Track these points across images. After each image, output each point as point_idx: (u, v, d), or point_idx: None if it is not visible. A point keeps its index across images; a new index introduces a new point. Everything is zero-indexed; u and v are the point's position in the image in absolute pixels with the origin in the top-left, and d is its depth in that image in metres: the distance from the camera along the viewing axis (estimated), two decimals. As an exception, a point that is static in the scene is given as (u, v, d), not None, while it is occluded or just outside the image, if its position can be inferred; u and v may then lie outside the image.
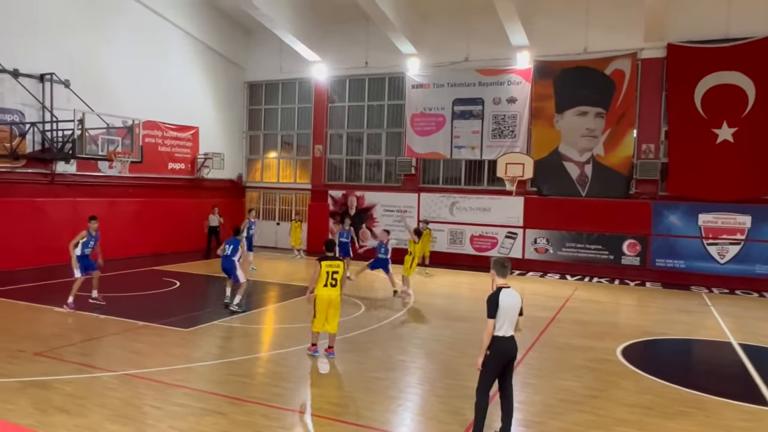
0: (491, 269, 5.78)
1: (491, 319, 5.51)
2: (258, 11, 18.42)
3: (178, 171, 20.60)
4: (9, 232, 15.09)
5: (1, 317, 10.20)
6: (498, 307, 5.50)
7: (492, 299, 5.56)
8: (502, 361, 5.63)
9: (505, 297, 5.56)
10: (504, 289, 5.61)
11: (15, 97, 15.16)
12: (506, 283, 5.68)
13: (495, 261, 5.82)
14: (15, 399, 6.38)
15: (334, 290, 8.29)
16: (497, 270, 5.75)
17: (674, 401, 7.09)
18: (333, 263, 8.36)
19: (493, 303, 5.54)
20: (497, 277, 5.74)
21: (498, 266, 5.76)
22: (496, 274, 5.75)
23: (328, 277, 8.27)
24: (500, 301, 5.51)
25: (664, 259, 17.11)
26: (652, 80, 17.39)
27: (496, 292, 5.60)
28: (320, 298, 8.29)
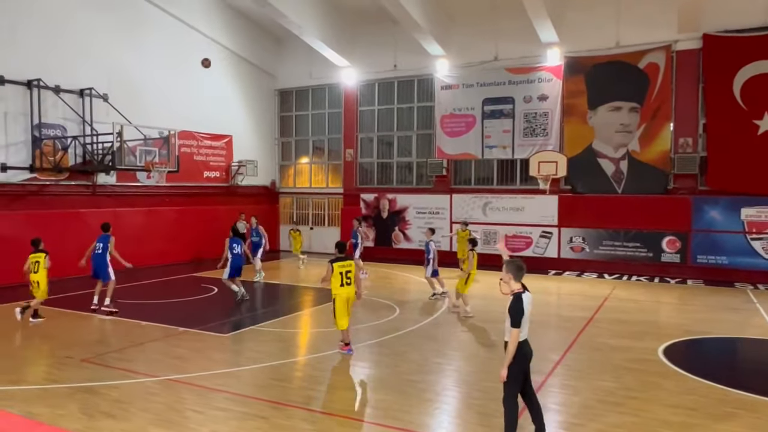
0: (506, 272, 5.47)
1: (517, 328, 5.27)
2: (287, 19, 18.68)
3: (213, 179, 21.02)
4: (54, 242, 15.55)
5: (49, 325, 10.59)
6: (524, 313, 5.30)
7: (517, 307, 5.31)
8: (526, 364, 5.51)
9: (527, 302, 5.39)
10: (524, 293, 5.42)
11: (57, 112, 15.73)
12: (521, 288, 5.47)
13: (511, 264, 5.49)
14: (65, 404, 6.62)
15: (351, 288, 8.77)
16: (515, 273, 5.45)
17: (720, 402, 6.89)
18: (345, 263, 8.79)
19: (519, 311, 5.29)
20: (514, 281, 5.46)
21: (515, 269, 5.46)
22: (512, 278, 5.46)
23: (343, 277, 8.70)
24: (525, 307, 5.33)
25: (705, 256, 16.64)
26: (688, 72, 16.95)
27: (518, 298, 5.36)
28: (340, 297, 8.72)
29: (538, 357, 8.98)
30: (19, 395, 6.92)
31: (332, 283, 8.73)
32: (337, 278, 8.70)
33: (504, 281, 5.51)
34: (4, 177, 14.61)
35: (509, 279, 5.46)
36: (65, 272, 15.70)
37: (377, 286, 15.23)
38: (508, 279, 5.47)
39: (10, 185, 14.80)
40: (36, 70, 15.10)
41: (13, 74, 14.69)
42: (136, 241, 16.02)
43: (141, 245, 15.36)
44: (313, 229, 23.59)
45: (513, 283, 5.45)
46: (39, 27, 15.30)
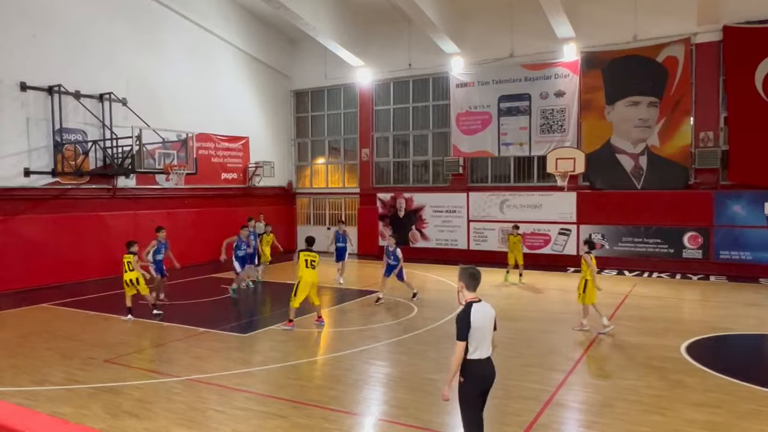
0: (459, 280, 4.91)
1: (461, 341, 4.64)
2: (301, 21, 18.75)
3: (231, 181, 21.19)
4: (76, 245, 15.91)
5: (72, 326, 10.76)
6: (470, 326, 4.63)
7: (462, 318, 4.67)
8: (483, 387, 4.81)
9: (477, 314, 4.70)
10: (474, 304, 4.74)
11: (77, 117, 15.97)
12: (476, 297, 4.82)
13: (463, 270, 4.88)
14: (88, 404, 6.72)
15: (314, 272, 10.39)
16: (466, 282, 4.84)
17: (746, 400, 6.77)
18: (310, 254, 10.50)
19: (463, 322, 4.65)
20: (466, 290, 4.84)
21: (467, 277, 4.84)
22: (464, 287, 4.84)
23: (307, 263, 10.36)
24: (472, 320, 4.65)
25: (728, 251, 16.36)
26: (708, 65, 16.68)
27: (466, 308, 4.71)
28: (304, 280, 10.29)
29: (557, 354, 9.00)
30: (44, 395, 7.04)
31: (299, 267, 10.36)
32: (302, 264, 10.37)
33: (458, 288, 4.97)
34: (28, 181, 14.88)
35: (461, 288, 4.90)
36: (86, 274, 15.98)
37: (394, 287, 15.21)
38: (460, 287, 4.91)
39: (33, 189, 15.06)
40: (57, 76, 15.36)
41: (35, 81, 14.95)
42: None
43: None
44: (330, 230, 23.64)
45: (465, 292, 4.86)
46: (59, 34, 15.55)
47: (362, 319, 11.55)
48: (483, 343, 4.70)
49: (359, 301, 13.34)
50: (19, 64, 14.65)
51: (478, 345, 4.67)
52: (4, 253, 14.29)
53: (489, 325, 4.76)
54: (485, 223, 19.73)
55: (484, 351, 4.72)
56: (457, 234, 20.28)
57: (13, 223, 14.56)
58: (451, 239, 20.48)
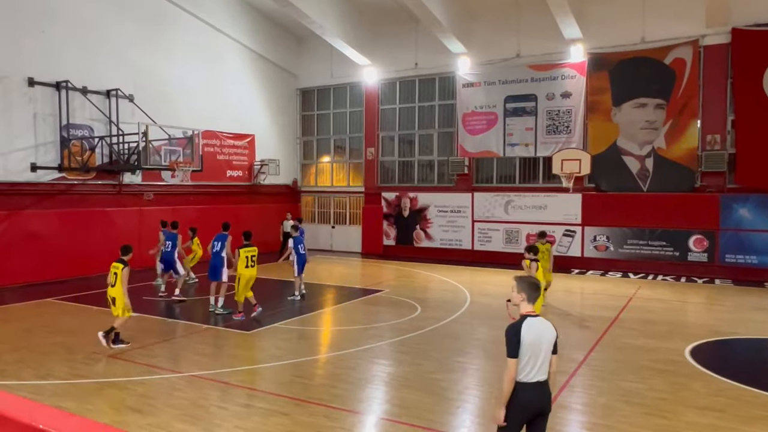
0: (517, 291, 4.36)
1: (513, 358, 4.13)
2: (308, 19, 18.76)
3: (236, 178, 21.22)
4: (82, 240, 15.98)
5: (78, 321, 10.81)
6: (520, 341, 4.13)
7: (512, 332, 4.17)
8: (527, 415, 4.22)
9: (530, 329, 4.16)
10: (529, 318, 4.23)
11: (84, 113, 16.03)
12: (533, 311, 4.32)
13: (523, 281, 4.37)
14: (92, 399, 6.75)
15: (254, 269, 11.03)
16: (528, 293, 4.30)
17: (750, 405, 6.74)
18: (250, 249, 11.04)
19: (513, 336, 4.15)
20: (526, 302, 4.32)
21: (528, 288, 4.31)
22: (525, 298, 4.31)
23: (248, 260, 10.89)
24: (523, 335, 4.13)
25: (734, 255, 16.28)
26: (716, 68, 16.59)
27: (519, 322, 4.21)
28: (243, 276, 10.87)
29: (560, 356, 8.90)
30: (48, 389, 7.08)
31: (239, 265, 10.84)
32: (243, 261, 10.84)
33: (514, 301, 4.40)
34: (34, 176, 14.95)
35: (521, 299, 4.34)
36: (92, 270, 16.04)
37: (399, 285, 15.23)
38: (519, 300, 4.36)
39: (40, 184, 15.13)
40: (64, 72, 15.42)
41: (43, 76, 15.02)
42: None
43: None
44: (335, 228, 23.68)
45: (524, 304, 4.33)
46: (67, 30, 15.61)
47: (365, 317, 11.56)
48: (535, 363, 4.14)
49: (363, 299, 13.34)
50: (27, 59, 14.71)
51: (527, 365, 4.14)
52: (10, 248, 14.36)
53: (545, 344, 4.20)
54: (490, 224, 19.70)
55: (535, 373, 4.14)
56: (461, 234, 20.26)
57: (19, 217, 14.63)
58: (456, 239, 20.46)
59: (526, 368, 4.14)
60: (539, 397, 4.20)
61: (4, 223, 14.33)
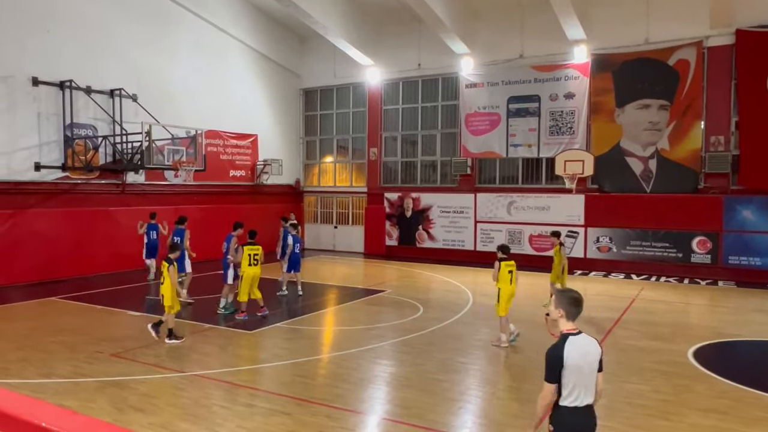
0: (555, 305, 3.91)
1: (551, 383, 3.72)
2: (312, 19, 18.77)
3: (239, 178, 21.25)
4: (85, 239, 16.02)
5: (80, 320, 10.83)
6: (563, 365, 3.68)
7: (553, 354, 3.73)
8: None
9: (573, 349, 3.71)
10: (572, 336, 3.78)
11: (88, 112, 16.07)
12: (575, 328, 3.84)
13: (562, 295, 3.92)
14: (95, 398, 6.76)
15: (257, 268, 10.94)
16: (566, 309, 3.83)
17: (753, 407, 6.72)
18: (253, 247, 10.98)
19: (554, 359, 3.70)
20: (564, 319, 3.86)
21: (567, 303, 3.85)
22: (564, 315, 3.85)
23: (251, 258, 10.85)
24: (566, 357, 3.68)
25: (737, 257, 16.24)
26: (720, 69, 16.55)
27: (560, 342, 3.75)
28: (246, 275, 10.85)
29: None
30: (51, 388, 7.10)
31: (242, 263, 10.86)
32: (246, 259, 10.86)
33: (552, 316, 3.96)
34: (38, 176, 14.99)
35: (559, 315, 3.89)
36: (95, 269, 16.09)
37: (401, 285, 15.22)
38: (557, 315, 3.91)
39: (44, 184, 15.17)
40: (68, 71, 15.46)
41: (47, 76, 15.06)
42: (163, 238, 16.26)
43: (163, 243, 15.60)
44: (338, 228, 23.70)
45: (563, 321, 3.88)
46: (71, 30, 15.65)
47: (368, 318, 11.56)
48: (581, 386, 3.71)
49: (365, 300, 13.35)
50: (31, 59, 14.76)
51: (573, 388, 3.69)
52: (13, 247, 14.40)
53: (590, 364, 3.75)
54: (492, 225, 19.69)
55: (581, 397, 3.71)
56: (464, 235, 20.25)
57: (23, 216, 14.67)
58: (458, 240, 20.45)
59: (573, 393, 3.70)
60: (586, 423, 3.79)
61: (8, 222, 14.37)
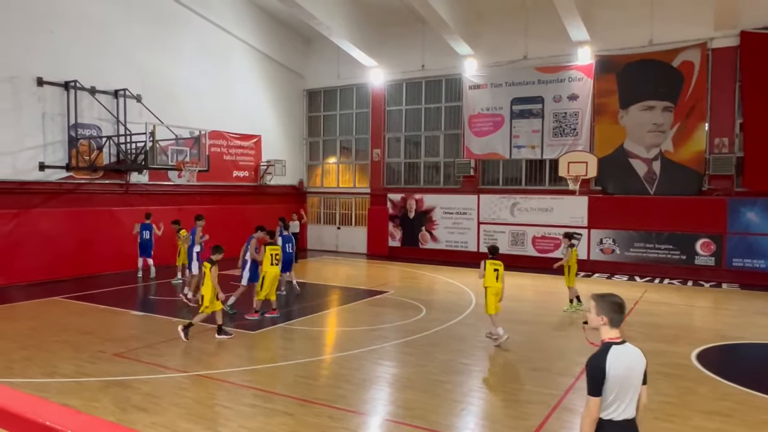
0: (596, 312, 3.60)
1: (595, 397, 3.43)
2: (316, 20, 18.80)
3: (242, 178, 21.28)
4: (89, 239, 16.07)
5: (83, 320, 10.86)
6: (606, 376, 3.41)
7: (595, 365, 3.45)
8: None
9: (617, 359, 3.45)
10: (615, 345, 3.51)
11: (92, 112, 16.12)
12: (618, 336, 3.56)
13: (602, 300, 3.60)
14: (98, 397, 6.78)
15: (278, 268, 11.09)
16: (609, 315, 3.54)
17: (757, 409, 6.70)
18: (274, 247, 11.15)
19: (597, 370, 3.42)
20: (608, 326, 3.56)
21: (610, 309, 3.55)
22: (607, 322, 3.56)
23: (272, 258, 10.99)
24: (609, 368, 3.41)
25: (741, 259, 16.19)
26: (725, 71, 16.51)
27: (602, 352, 3.48)
28: (269, 274, 10.93)
29: (566, 359, 8.95)
30: (55, 387, 7.11)
31: (264, 263, 10.94)
32: (268, 259, 10.94)
33: (592, 324, 3.66)
34: (43, 175, 15.04)
35: (601, 322, 3.58)
36: (98, 269, 16.13)
37: (404, 287, 15.22)
38: (599, 323, 3.60)
39: (48, 183, 15.22)
40: (73, 72, 15.51)
41: (52, 76, 15.11)
42: (167, 239, 16.30)
43: (173, 243, 15.64)
44: (341, 229, 23.71)
45: (605, 329, 3.57)
46: (76, 31, 15.70)
47: (370, 319, 11.56)
48: (624, 398, 3.45)
49: (368, 301, 13.35)
50: (36, 59, 14.81)
51: (616, 400, 3.43)
52: (18, 246, 14.45)
53: (635, 376, 3.50)
54: (495, 226, 19.67)
55: (622, 410, 3.45)
56: (467, 236, 20.24)
57: (27, 216, 14.72)
58: (461, 241, 20.44)
59: (613, 405, 3.43)
60: None
61: (12, 221, 14.42)
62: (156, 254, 15.97)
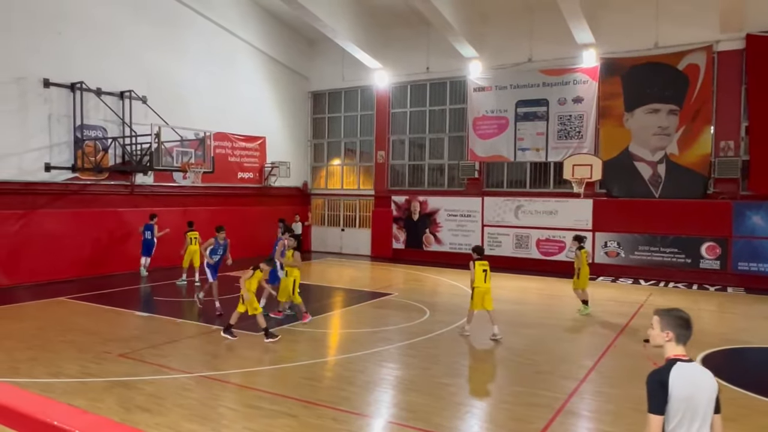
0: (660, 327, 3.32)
1: (655, 414, 3.10)
2: (320, 22, 18.84)
3: (247, 180, 21.33)
4: (94, 240, 16.13)
5: (88, 320, 10.90)
6: (668, 394, 3.08)
7: (656, 381, 3.14)
8: None
9: (681, 377, 3.11)
10: (681, 362, 3.19)
11: (98, 114, 16.19)
12: (685, 354, 3.25)
13: (668, 314, 3.33)
14: (102, 398, 6.80)
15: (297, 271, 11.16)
16: (676, 332, 3.26)
17: (762, 414, 6.67)
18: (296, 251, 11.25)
19: (658, 387, 3.11)
20: (674, 342, 3.26)
21: (676, 324, 3.28)
22: (673, 339, 3.26)
23: None
24: (672, 385, 3.09)
25: (747, 263, 16.11)
26: (730, 74, 16.46)
27: (666, 368, 3.17)
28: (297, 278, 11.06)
29: (570, 362, 8.94)
30: (60, 387, 7.14)
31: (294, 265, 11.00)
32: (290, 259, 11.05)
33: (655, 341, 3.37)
34: (48, 176, 15.11)
35: (666, 338, 3.29)
36: (103, 269, 16.19)
37: (408, 289, 15.22)
38: (663, 340, 3.30)
39: (54, 184, 15.29)
40: (79, 73, 15.58)
41: (58, 77, 15.19)
42: (171, 240, 16.36)
43: (177, 244, 15.69)
44: (345, 231, 23.72)
45: (671, 345, 3.28)
46: (82, 32, 15.78)
47: (374, 321, 11.56)
48: (690, 425, 3.11)
49: (372, 303, 13.35)
50: (43, 61, 14.88)
51: (681, 426, 3.09)
52: (23, 246, 14.52)
53: (704, 401, 3.15)
54: (500, 228, 19.65)
55: None
56: (471, 238, 20.20)
57: (33, 216, 14.79)
58: (465, 243, 20.40)
59: (679, 429, 3.11)
60: None
61: (18, 222, 14.49)
62: (160, 255, 16.01)
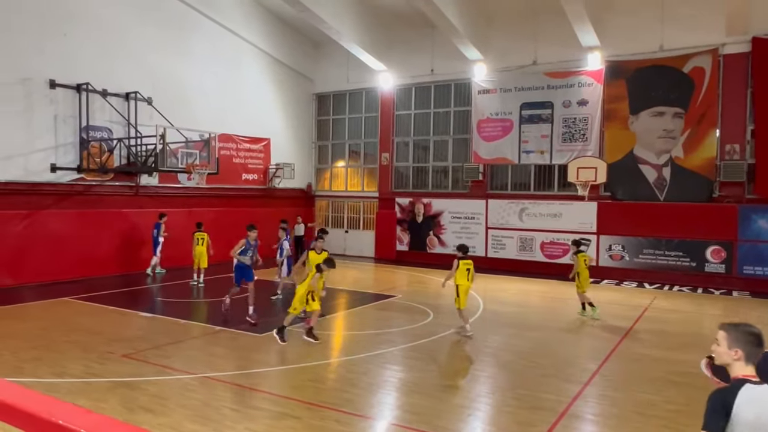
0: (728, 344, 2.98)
1: None
2: (325, 24, 18.88)
3: (251, 181, 21.37)
4: (99, 240, 16.18)
5: (92, 321, 10.92)
6: (730, 414, 2.78)
7: (718, 400, 2.85)
8: None
9: (750, 400, 2.79)
10: (750, 384, 2.85)
11: (104, 115, 16.26)
12: (754, 374, 2.92)
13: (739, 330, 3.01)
14: (106, 398, 6.81)
15: None
16: (747, 349, 2.95)
17: None
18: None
19: (719, 406, 2.83)
20: (743, 361, 2.94)
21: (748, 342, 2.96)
22: (743, 357, 2.94)
23: None
24: (738, 408, 2.77)
25: (752, 266, 16.04)
26: (736, 77, 16.40)
27: (733, 388, 2.86)
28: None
29: (574, 365, 8.91)
30: (64, 387, 7.16)
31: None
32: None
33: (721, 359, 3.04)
34: (54, 177, 15.17)
35: (734, 358, 2.97)
36: (108, 270, 16.23)
37: (411, 291, 15.20)
38: (731, 358, 2.98)
39: (59, 185, 15.35)
40: (85, 74, 15.66)
41: (64, 78, 15.26)
42: (176, 241, 16.41)
43: (181, 245, 15.74)
44: (349, 233, 23.72)
45: (738, 365, 2.95)
46: (88, 34, 15.86)
47: (378, 323, 11.55)
48: None
49: (375, 305, 13.35)
50: (49, 62, 14.96)
51: None
52: (29, 246, 14.58)
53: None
54: (504, 231, 19.62)
55: None
56: (475, 241, 20.18)
57: (38, 217, 14.85)
58: (469, 246, 20.35)
59: None
60: None
61: (23, 222, 14.55)
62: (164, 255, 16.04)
